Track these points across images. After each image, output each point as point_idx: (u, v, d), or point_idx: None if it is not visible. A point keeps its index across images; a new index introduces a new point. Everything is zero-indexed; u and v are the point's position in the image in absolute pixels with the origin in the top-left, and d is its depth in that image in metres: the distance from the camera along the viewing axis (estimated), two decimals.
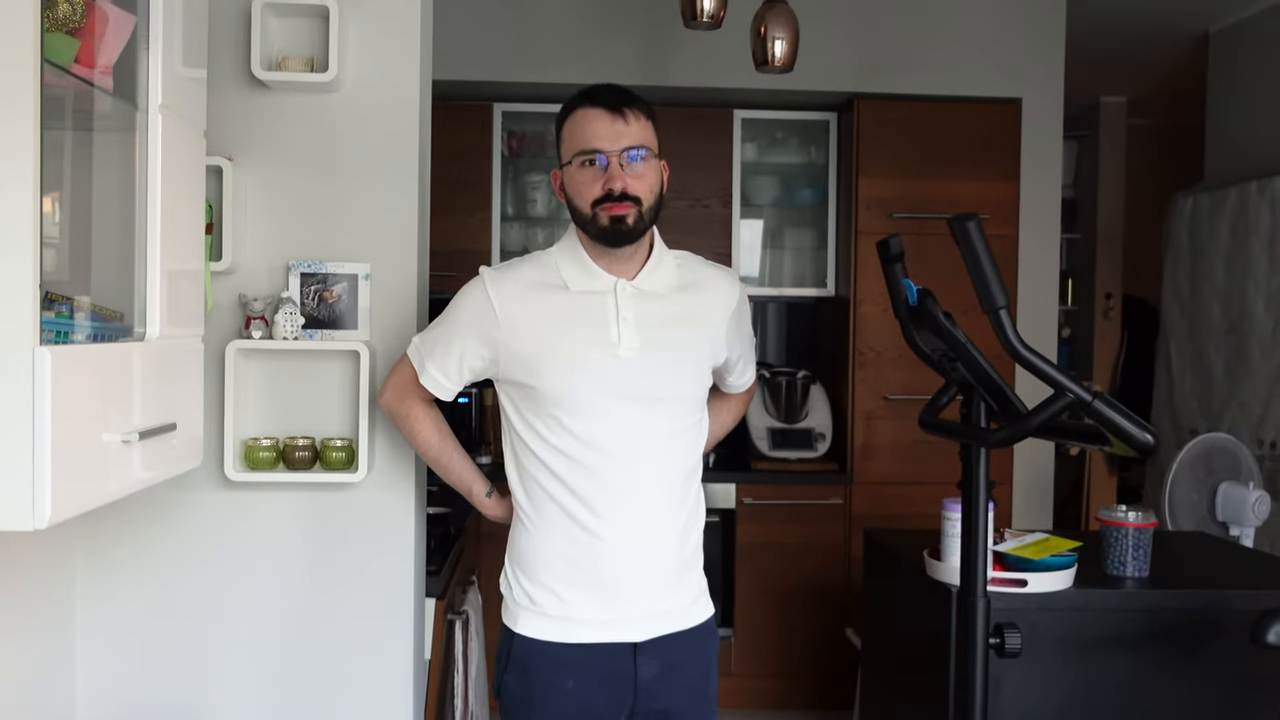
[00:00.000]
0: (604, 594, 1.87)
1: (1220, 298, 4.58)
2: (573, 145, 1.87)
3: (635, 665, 1.88)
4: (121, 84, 1.65)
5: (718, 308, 1.99)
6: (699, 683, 1.97)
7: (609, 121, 1.84)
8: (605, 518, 1.86)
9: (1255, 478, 3.54)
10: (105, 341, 1.60)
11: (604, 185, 1.83)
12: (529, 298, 1.89)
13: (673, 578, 1.93)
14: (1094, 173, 6.25)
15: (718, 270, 2.04)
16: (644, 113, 1.89)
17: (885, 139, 4.28)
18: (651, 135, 1.89)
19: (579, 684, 1.88)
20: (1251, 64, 4.59)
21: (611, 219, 1.83)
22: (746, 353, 2.13)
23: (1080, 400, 1.68)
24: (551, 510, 1.88)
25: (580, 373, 1.85)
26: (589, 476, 1.86)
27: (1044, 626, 2.35)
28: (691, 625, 1.95)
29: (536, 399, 1.88)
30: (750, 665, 4.27)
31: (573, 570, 1.87)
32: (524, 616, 1.91)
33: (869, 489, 4.28)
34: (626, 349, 1.86)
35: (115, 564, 2.18)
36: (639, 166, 1.85)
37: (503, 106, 4.44)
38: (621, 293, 1.89)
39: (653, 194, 1.88)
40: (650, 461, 1.88)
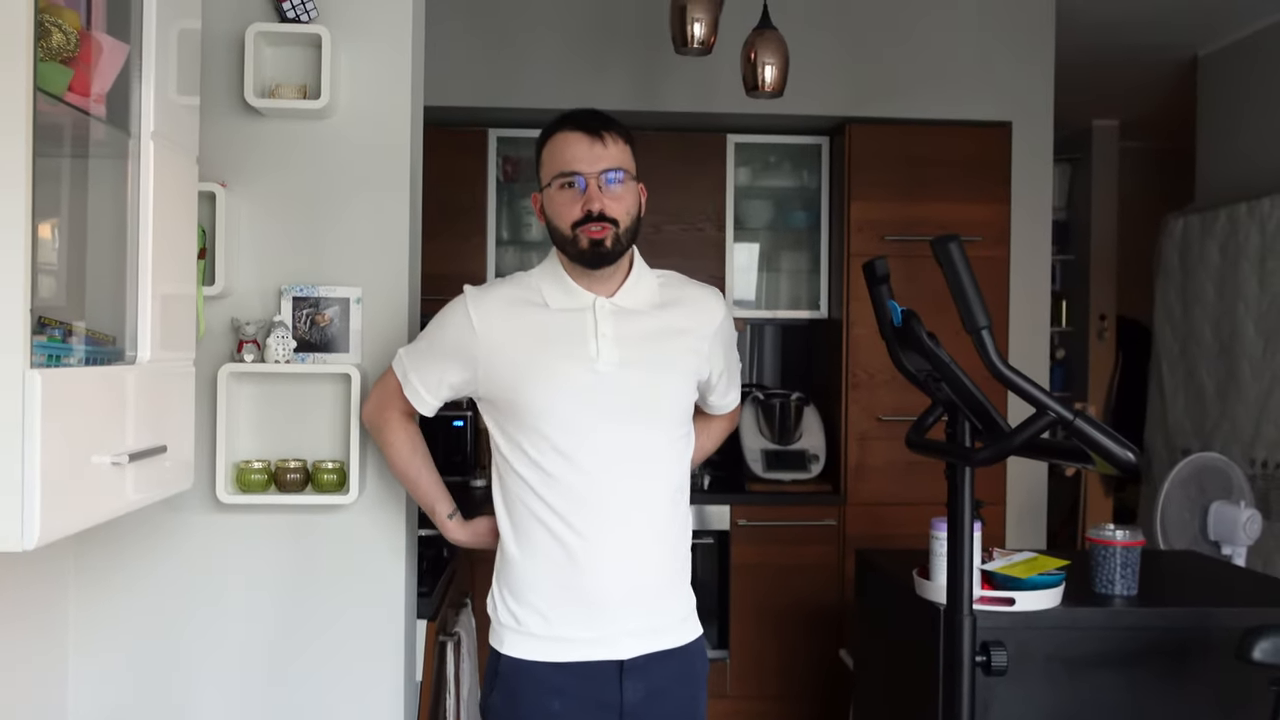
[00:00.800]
0: (589, 613, 1.87)
1: (1211, 319, 4.61)
2: (552, 168, 1.91)
3: (621, 688, 1.88)
4: (115, 112, 1.68)
5: (700, 323, 1.99)
6: (686, 707, 1.96)
7: (587, 144, 1.87)
8: (588, 536, 1.86)
9: (1247, 497, 3.55)
10: (97, 365, 1.62)
11: (583, 207, 1.86)
12: (509, 316, 1.92)
13: (659, 595, 1.92)
14: (1087, 195, 6.29)
15: (701, 289, 2.05)
16: (622, 136, 1.92)
17: (877, 163, 4.31)
18: (629, 158, 1.92)
19: (564, 706, 1.87)
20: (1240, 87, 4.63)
21: (591, 241, 1.86)
22: (730, 372, 2.12)
23: (1062, 419, 1.70)
24: (535, 529, 1.89)
25: (559, 388, 1.87)
26: (571, 494, 1.86)
27: (1032, 645, 2.36)
28: (679, 644, 1.94)
29: (517, 416, 1.90)
30: (746, 687, 4.27)
31: (558, 589, 1.88)
32: (510, 637, 1.92)
33: (863, 510, 4.29)
34: (605, 364, 1.87)
35: (107, 585, 2.20)
36: (616, 189, 1.88)
37: (498, 132, 4.48)
38: (600, 309, 1.91)
39: (630, 216, 1.90)
40: (633, 478, 1.89)
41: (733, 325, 2.08)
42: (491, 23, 4.27)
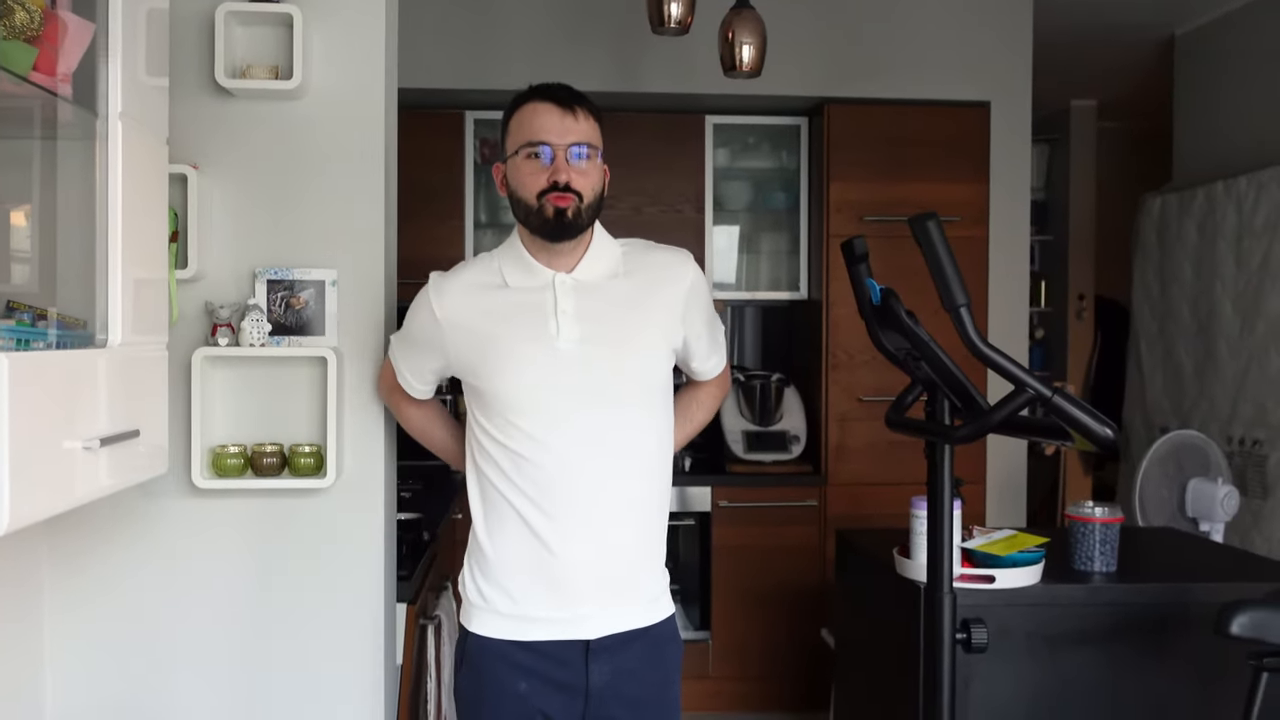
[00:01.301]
0: (556, 593, 1.86)
1: (1189, 298, 4.63)
2: (519, 137, 1.87)
3: (587, 669, 1.86)
4: (81, 92, 1.65)
5: (667, 289, 1.94)
6: (656, 693, 1.93)
7: (559, 116, 1.85)
8: (556, 517, 1.84)
9: (1224, 474, 3.58)
10: (67, 349, 1.60)
11: (549, 177, 1.83)
12: (469, 299, 1.91)
13: (629, 575, 1.90)
14: (1065, 175, 6.30)
15: (668, 251, 1.99)
16: (592, 113, 1.89)
17: (855, 143, 4.31)
18: (598, 135, 1.89)
19: (530, 688, 1.86)
20: (1216, 66, 4.65)
21: (556, 210, 1.82)
22: (709, 334, 2.05)
23: (1040, 395, 1.70)
24: (504, 509, 1.88)
25: (520, 368, 1.85)
26: (538, 475, 1.85)
27: (1012, 622, 2.37)
28: (647, 624, 1.91)
29: (484, 398, 1.89)
30: (728, 668, 4.28)
31: (525, 570, 1.87)
32: (478, 615, 1.91)
33: (843, 490, 4.30)
34: (565, 340, 1.85)
35: (83, 572, 2.18)
36: (583, 164, 1.85)
37: (474, 114, 4.45)
38: (560, 286, 1.88)
39: (594, 192, 1.87)
40: (601, 457, 1.86)
41: (704, 283, 2.02)
42: (467, 3, 4.24)
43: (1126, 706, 2.42)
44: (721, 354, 2.12)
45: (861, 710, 2.90)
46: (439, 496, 3.42)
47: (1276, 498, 3.97)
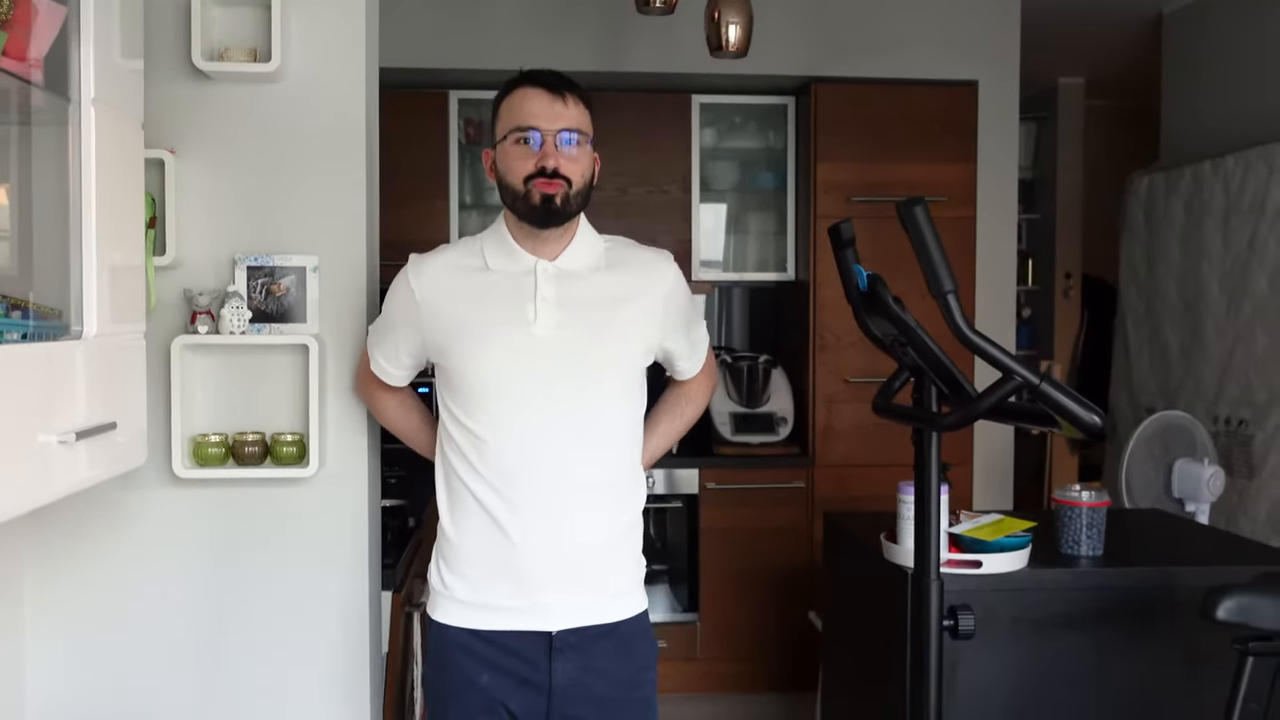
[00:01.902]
0: (517, 583, 1.83)
1: (1176, 277, 4.63)
2: (509, 121, 1.85)
3: (550, 666, 1.83)
4: (53, 77, 1.62)
5: (650, 288, 1.93)
6: (625, 693, 1.88)
7: (548, 101, 1.83)
8: (518, 505, 1.81)
9: (1210, 454, 3.59)
10: (42, 340, 1.58)
11: (537, 162, 1.81)
12: (448, 280, 1.89)
13: (594, 568, 1.86)
14: (1053, 154, 6.28)
15: (650, 252, 1.99)
16: (583, 100, 1.87)
17: (842, 123, 4.28)
18: (588, 123, 1.87)
19: (492, 680, 1.84)
20: (1204, 44, 4.63)
21: (543, 196, 1.81)
22: (688, 335, 2.04)
23: (1028, 383, 1.69)
24: (466, 499, 1.86)
25: (491, 350, 1.83)
26: (501, 461, 1.82)
27: (999, 607, 2.37)
28: (614, 620, 1.87)
29: (454, 380, 1.87)
30: (716, 649, 4.29)
31: (487, 559, 1.84)
32: (442, 604, 1.89)
33: (831, 472, 4.30)
34: (542, 326, 1.83)
35: (64, 564, 2.15)
36: (573, 150, 1.83)
37: (458, 94, 4.41)
38: (542, 272, 1.86)
39: (583, 179, 1.85)
40: (567, 446, 1.83)
41: (685, 285, 2.01)
42: None
43: (1113, 690, 2.42)
44: (702, 354, 2.11)
45: (849, 692, 2.90)
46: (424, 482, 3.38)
47: (1262, 478, 3.98)
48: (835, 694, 3.05)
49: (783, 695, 4.26)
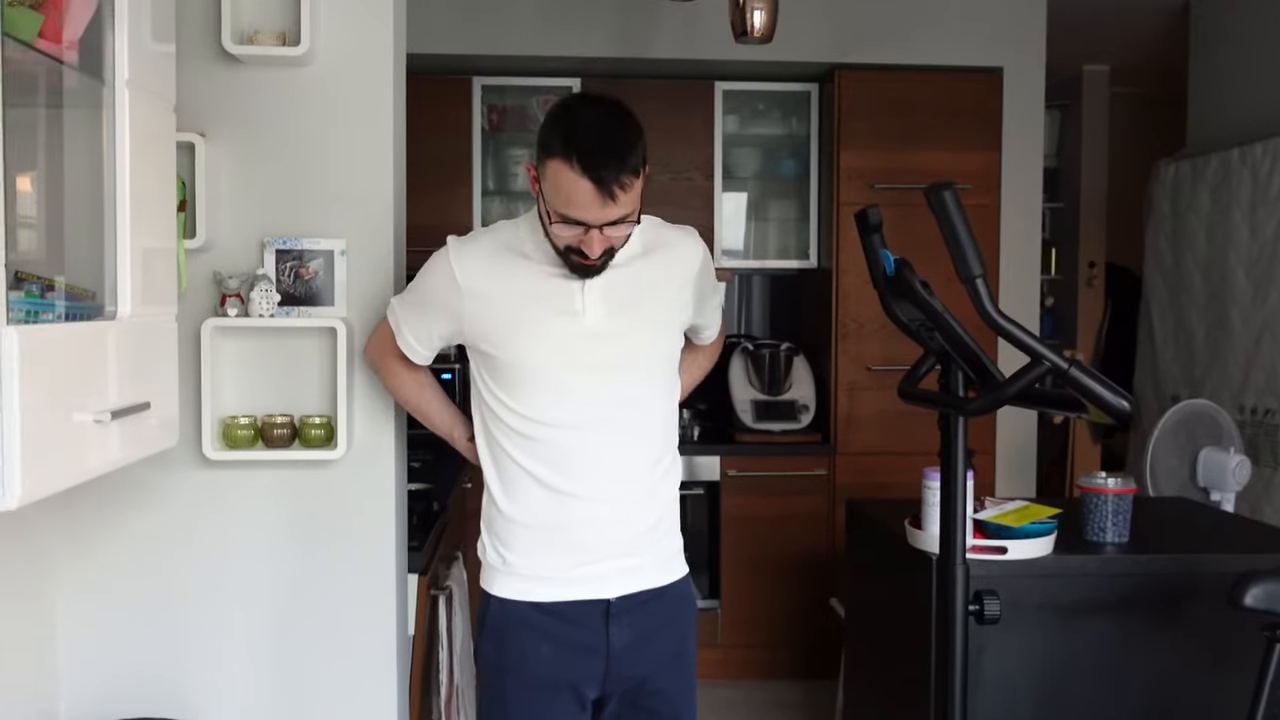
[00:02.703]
0: (575, 557, 1.89)
1: (1201, 265, 4.59)
2: (555, 201, 1.76)
3: (608, 632, 1.89)
4: (88, 59, 1.63)
5: (682, 269, 1.98)
6: (675, 650, 1.98)
7: (599, 202, 1.72)
8: (573, 483, 1.87)
9: (1236, 443, 3.56)
10: (77, 320, 1.59)
11: (582, 245, 1.78)
12: (493, 269, 1.89)
13: (644, 538, 1.93)
14: (1077, 142, 6.24)
15: (679, 231, 2.02)
16: (634, 177, 1.75)
17: (866, 110, 4.27)
18: (637, 198, 1.78)
19: (552, 651, 1.89)
20: (1231, 31, 4.58)
21: (580, 265, 1.82)
22: (714, 302, 2.12)
23: (1056, 368, 1.68)
24: (520, 478, 1.89)
25: (544, 344, 1.86)
26: (556, 447, 1.87)
27: (1024, 593, 2.37)
28: (664, 584, 1.95)
29: (502, 369, 1.89)
30: (737, 636, 4.30)
31: (544, 534, 1.89)
32: (499, 579, 1.93)
33: (852, 460, 4.30)
34: (592, 318, 1.87)
35: (95, 546, 2.18)
36: (619, 229, 1.79)
37: (482, 80, 4.41)
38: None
39: (624, 240, 1.84)
40: (618, 430, 1.89)
41: (710, 261, 2.06)
42: None
43: (1138, 676, 2.42)
44: (719, 317, 2.18)
45: (871, 679, 2.91)
46: (449, 467, 3.42)
47: None
48: (857, 680, 3.05)
49: (804, 682, 4.27)
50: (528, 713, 1.90)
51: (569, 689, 1.90)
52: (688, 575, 2.02)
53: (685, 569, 2.02)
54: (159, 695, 2.19)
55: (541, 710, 1.90)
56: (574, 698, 1.91)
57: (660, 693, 1.95)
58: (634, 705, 1.95)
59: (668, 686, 1.96)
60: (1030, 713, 2.41)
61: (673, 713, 1.97)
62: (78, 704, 2.17)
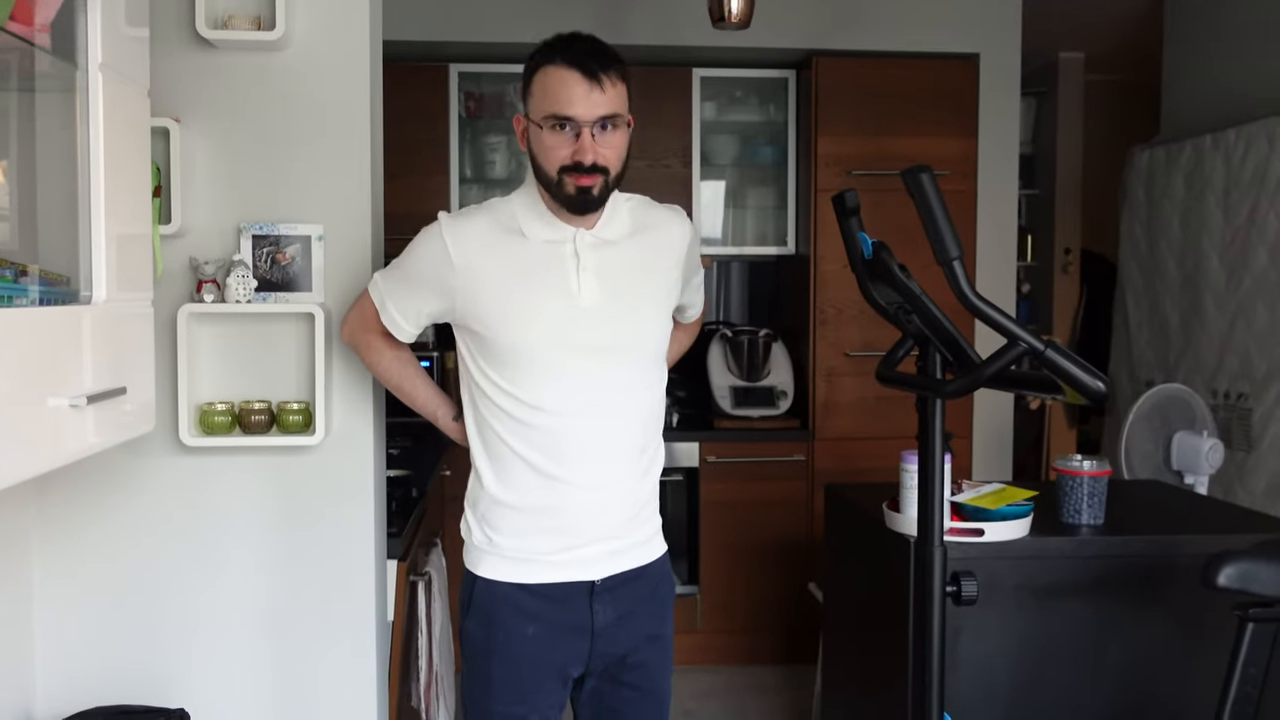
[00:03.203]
0: (562, 538, 1.89)
1: (1175, 251, 4.63)
2: (543, 105, 1.80)
3: (592, 612, 1.91)
4: (60, 43, 1.61)
5: (672, 250, 1.99)
6: (654, 626, 2.00)
7: (585, 89, 1.77)
8: (564, 465, 1.87)
9: (1209, 427, 3.60)
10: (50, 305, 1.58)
11: (574, 155, 1.78)
12: (487, 247, 1.87)
13: (629, 519, 1.94)
14: (1052, 129, 6.27)
15: (668, 211, 2.03)
16: (620, 75, 1.81)
17: (844, 96, 4.28)
18: (625, 99, 1.83)
19: (538, 631, 1.90)
20: (1206, 19, 4.61)
21: (579, 189, 1.80)
22: (696, 284, 2.14)
23: (1033, 349, 1.69)
24: (512, 461, 1.89)
25: (538, 324, 1.85)
26: (547, 427, 1.86)
27: (1001, 575, 2.39)
28: (645, 562, 1.97)
29: (495, 349, 1.87)
30: (716, 621, 4.31)
31: (531, 517, 1.89)
32: (485, 560, 1.93)
33: (831, 445, 4.32)
34: (587, 298, 1.86)
35: (72, 533, 2.16)
36: (611, 136, 1.81)
37: (459, 67, 4.40)
38: (581, 242, 1.87)
39: (620, 162, 1.85)
40: (611, 415, 1.89)
41: (698, 240, 2.08)
42: None
43: (1113, 656, 2.44)
44: (702, 296, 2.21)
45: (849, 662, 2.92)
46: (427, 453, 3.42)
47: (1260, 450, 4.00)
48: (835, 663, 3.07)
49: (783, 666, 4.29)
50: (513, 692, 1.90)
51: (555, 668, 1.91)
52: (666, 553, 2.04)
53: (664, 547, 2.03)
54: (136, 681, 2.19)
55: (527, 690, 1.91)
56: (559, 677, 1.93)
57: (640, 666, 1.97)
58: (614, 680, 1.97)
59: (649, 659, 1.98)
60: (1007, 692, 2.43)
61: (651, 685, 1.99)
62: (54, 690, 2.16)
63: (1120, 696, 2.45)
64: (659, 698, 2.01)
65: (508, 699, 1.91)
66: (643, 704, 1.99)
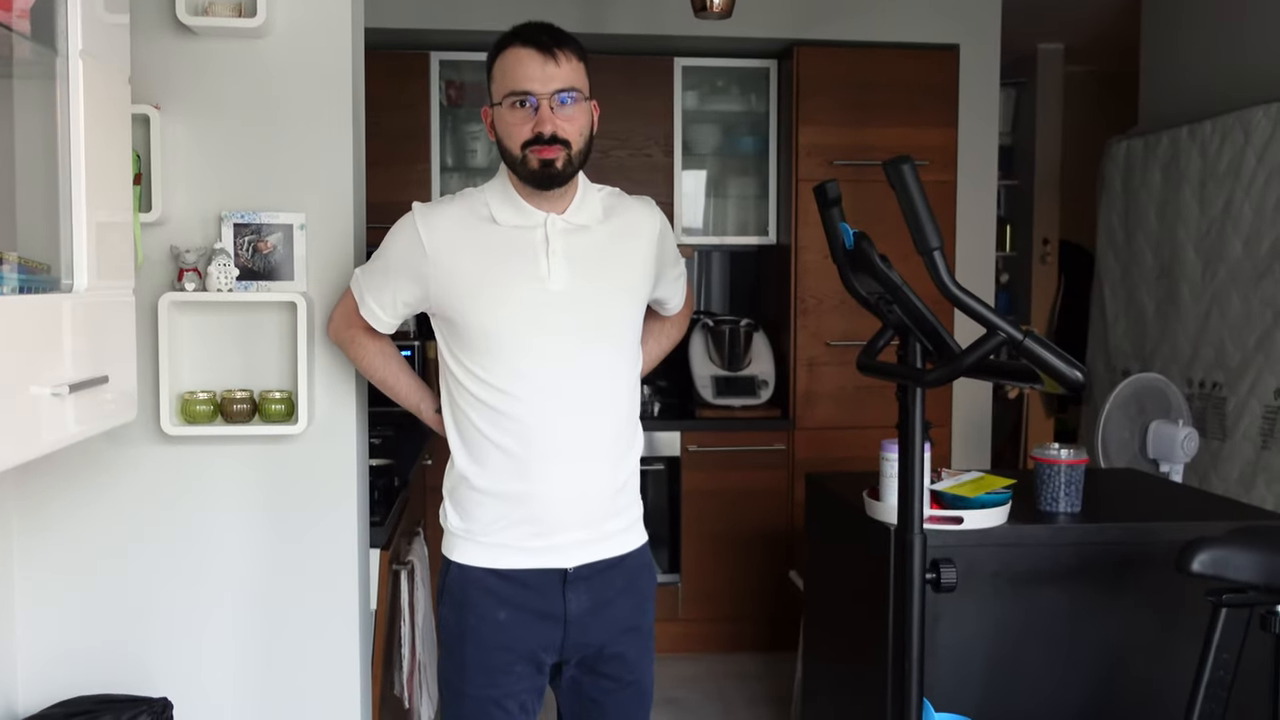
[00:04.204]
0: (536, 524, 1.90)
1: (1152, 242, 4.67)
2: (503, 85, 1.87)
3: (565, 599, 1.91)
4: (40, 29, 1.60)
5: (642, 236, 2.01)
6: (633, 617, 1.99)
7: (540, 63, 1.83)
8: (536, 452, 1.88)
9: (1184, 416, 3.63)
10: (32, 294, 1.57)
11: (533, 128, 1.83)
12: (458, 233, 1.90)
13: (604, 507, 1.94)
14: (1031, 119, 6.30)
15: (636, 200, 2.05)
16: (575, 53, 1.88)
17: (825, 86, 4.29)
18: (583, 77, 1.89)
19: (510, 616, 1.91)
20: (1183, 11, 4.65)
21: (541, 162, 1.84)
22: (676, 273, 2.14)
23: (1012, 339, 1.71)
24: (486, 448, 1.90)
25: (508, 308, 1.87)
26: (520, 412, 1.87)
27: (979, 562, 2.41)
28: (621, 553, 1.97)
29: (467, 334, 1.89)
30: (698, 610, 4.33)
31: (506, 502, 1.90)
32: (460, 545, 1.94)
33: (812, 434, 4.34)
34: (556, 281, 1.88)
35: (52, 522, 2.16)
36: (569, 109, 1.85)
37: (440, 55, 4.38)
38: (551, 227, 1.90)
39: (583, 137, 1.88)
40: (582, 399, 1.90)
41: (670, 229, 2.09)
42: None
43: (1090, 642, 2.47)
44: (683, 286, 2.20)
45: (830, 649, 2.95)
46: (410, 442, 3.42)
47: (1234, 439, 4.04)
48: (816, 651, 3.09)
49: (764, 654, 4.32)
50: (486, 676, 1.92)
51: (526, 654, 1.92)
52: (646, 543, 2.04)
53: (644, 537, 2.04)
54: (118, 670, 2.18)
55: (500, 674, 1.92)
56: (531, 662, 1.93)
57: (619, 657, 1.97)
58: (593, 670, 1.97)
59: (627, 651, 1.98)
60: (985, 678, 2.46)
61: (632, 677, 1.99)
62: (36, 679, 2.15)
63: (1096, 681, 2.48)
64: (640, 689, 2.02)
65: (481, 682, 1.92)
66: (622, 695, 1.99)
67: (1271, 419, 3.87)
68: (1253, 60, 4.20)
